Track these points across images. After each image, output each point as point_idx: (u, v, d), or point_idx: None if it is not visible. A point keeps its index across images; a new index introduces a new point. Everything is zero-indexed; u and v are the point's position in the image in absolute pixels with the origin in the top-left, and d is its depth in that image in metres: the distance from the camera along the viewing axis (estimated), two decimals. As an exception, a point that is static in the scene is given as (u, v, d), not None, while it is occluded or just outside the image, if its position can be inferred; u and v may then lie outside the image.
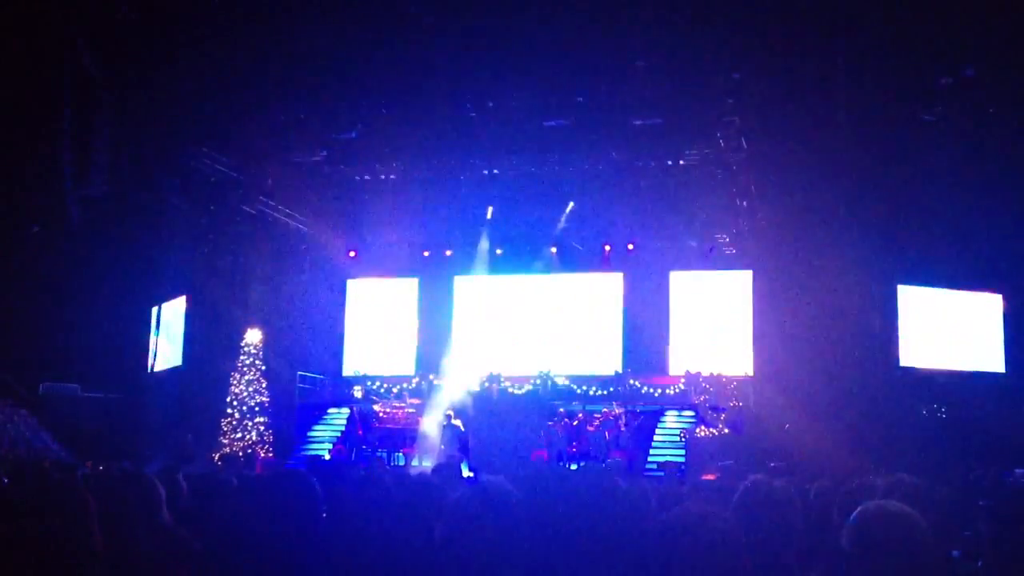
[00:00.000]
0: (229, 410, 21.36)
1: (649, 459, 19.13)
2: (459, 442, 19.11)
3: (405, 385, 22.43)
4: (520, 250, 23.35)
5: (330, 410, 22.67)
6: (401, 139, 19.47)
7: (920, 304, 21.38)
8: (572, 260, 23.46)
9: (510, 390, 21.71)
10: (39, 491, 2.76)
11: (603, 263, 23.40)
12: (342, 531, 4.03)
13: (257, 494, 3.09)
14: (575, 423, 19.95)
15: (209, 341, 22.72)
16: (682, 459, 18.67)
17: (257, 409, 21.55)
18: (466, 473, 14.95)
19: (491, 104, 18.21)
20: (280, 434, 21.79)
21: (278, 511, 2.97)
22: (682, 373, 21.14)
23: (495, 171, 20.87)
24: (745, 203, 20.27)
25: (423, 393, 21.67)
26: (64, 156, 18.01)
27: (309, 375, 23.22)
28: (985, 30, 15.29)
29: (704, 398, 19.88)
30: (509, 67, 16.85)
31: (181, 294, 23.84)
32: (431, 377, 22.23)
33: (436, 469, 8.05)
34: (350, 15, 15.87)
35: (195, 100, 17.74)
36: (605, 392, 21.52)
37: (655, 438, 20.06)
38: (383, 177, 21.41)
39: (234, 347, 21.89)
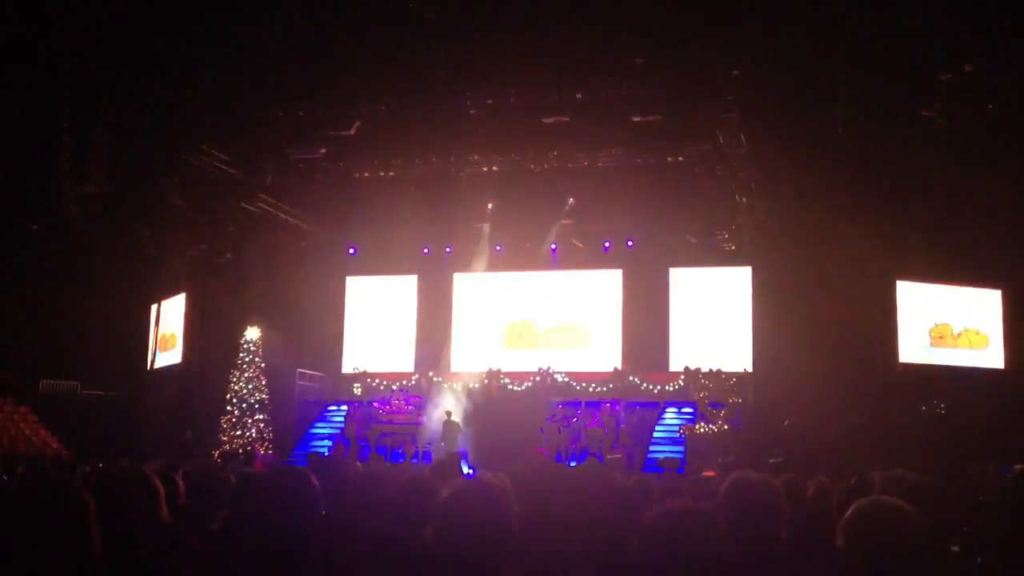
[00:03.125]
0: (229, 407, 21.39)
1: (649, 455, 19.14)
2: (458, 439, 19.13)
3: (404, 382, 22.44)
4: (520, 247, 23.34)
5: (329, 407, 22.68)
6: (400, 136, 19.44)
7: (919, 299, 21.39)
8: (572, 257, 23.45)
9: (510, 387, 21.73)
10: (38, 489, 2.76)
11: (603, 260, 23.40)
12: (341, 528, 4.03)
13: (256, 491, 3.09)
14: (575, 420, 19.96)
15: (208, 338, 22.74)
16: (681, 456, 18.69)
17: (256, 406, 21.58)
18: (465, 470, 14.96)
19: (490, 101, 18.20)
20: (279, 431, 21.82)
21: (277, 508, 2.97)
22: (682, 369, 21.13)
23: (494, 168, 20.85)
24: (744, 199, 20.27)
25: (422, 390, 21.69)
26: (63, 153, 17.99)
27: (308, 372, 23.22)
28: (984, 26, 15.29)
29: (704, 394, 19.88)
30: (508, 64, 16.84)
31: (180, 291, 23.86)
32: (430, 374, 22.24)
33: (435, 466, 8.05)
34: (349, 12, 15.86)
35: (194, 97, 17.73)
36: (605, 389, 21.53)
37: (655, 434, 20.07)
38: (382, 174, 21.39)
39: (233, 344, 21.91)
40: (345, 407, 22.15)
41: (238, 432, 21.14)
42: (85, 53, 16.56)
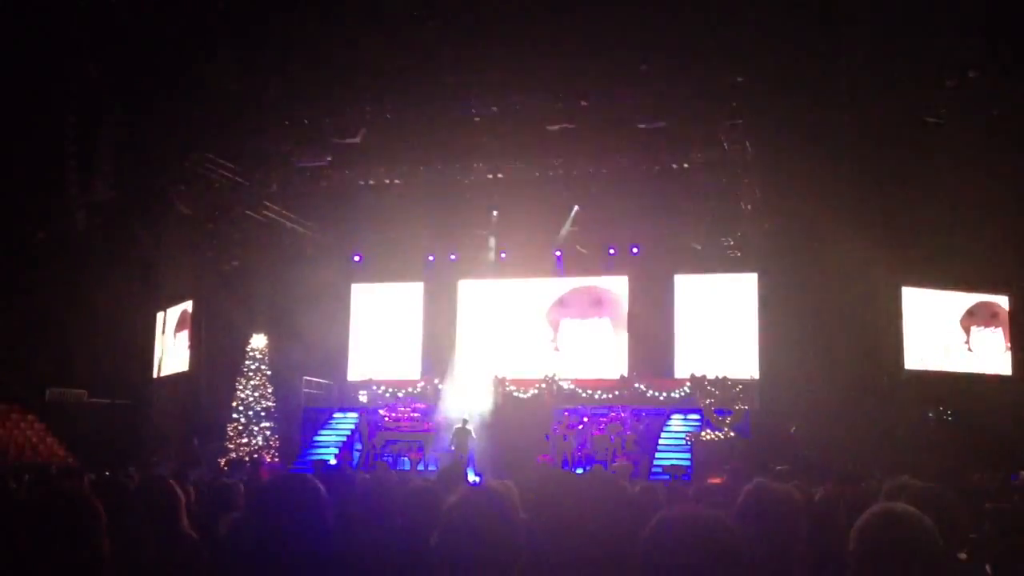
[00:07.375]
0: (235, 415, 21.40)
1: (655, 463, 19.09)
2: (468, 447, 19.09)
3: (410, 389, 22.41)
4: (525, 254, 23.33)
5: (335, 415, 22.66)
6: (405, 144, 19.48)
7: (925, 306, 21.35)
8: (577, 263, 23.45)
9: (515, 394, 21.69)
10: (46, 497, 2.77)
11: (608, 266, 23.38)
12: (347, 536, 4.03)
13: (263, 499, 3.09)
14: (580, 427, 19.92)
15: (215, 346, 22.76)
16: (688, 463, 18.64)
17: (263, 414, 21.58)
18: (472, 478, 14.94)
19: (495, 108, 18.23)
20: (286, 439, 21.81)
21: (284, 516, 2.97)
22: (688, 376, 21.09)
23: (499, 175, 20.86)
24: (750, 206, 20.26)
25: (428, 397, 21.66)
26: (70, 162, 18.07)
27: (314, 380, 23.21)
28: (989, 31, 15.28)
29: (710, 401, 19.83)
30: (513, 71, 16.87)
31: (187, 299, 23.89)
32: (436, 381, 22.22)
33: (440, 474, 8.04)
34: (354, 19, 15.90)
35: (200, 106, 17.79)
36: (611, 396, 21.49)
37: (661, 442, 20.02)
38: (388, 181, 21.40)
39: (240, 352, 21.92)
40: (351, 415, 22.12)
41: (244, 440, 21.15)
42: (91, 62, 16.63)
